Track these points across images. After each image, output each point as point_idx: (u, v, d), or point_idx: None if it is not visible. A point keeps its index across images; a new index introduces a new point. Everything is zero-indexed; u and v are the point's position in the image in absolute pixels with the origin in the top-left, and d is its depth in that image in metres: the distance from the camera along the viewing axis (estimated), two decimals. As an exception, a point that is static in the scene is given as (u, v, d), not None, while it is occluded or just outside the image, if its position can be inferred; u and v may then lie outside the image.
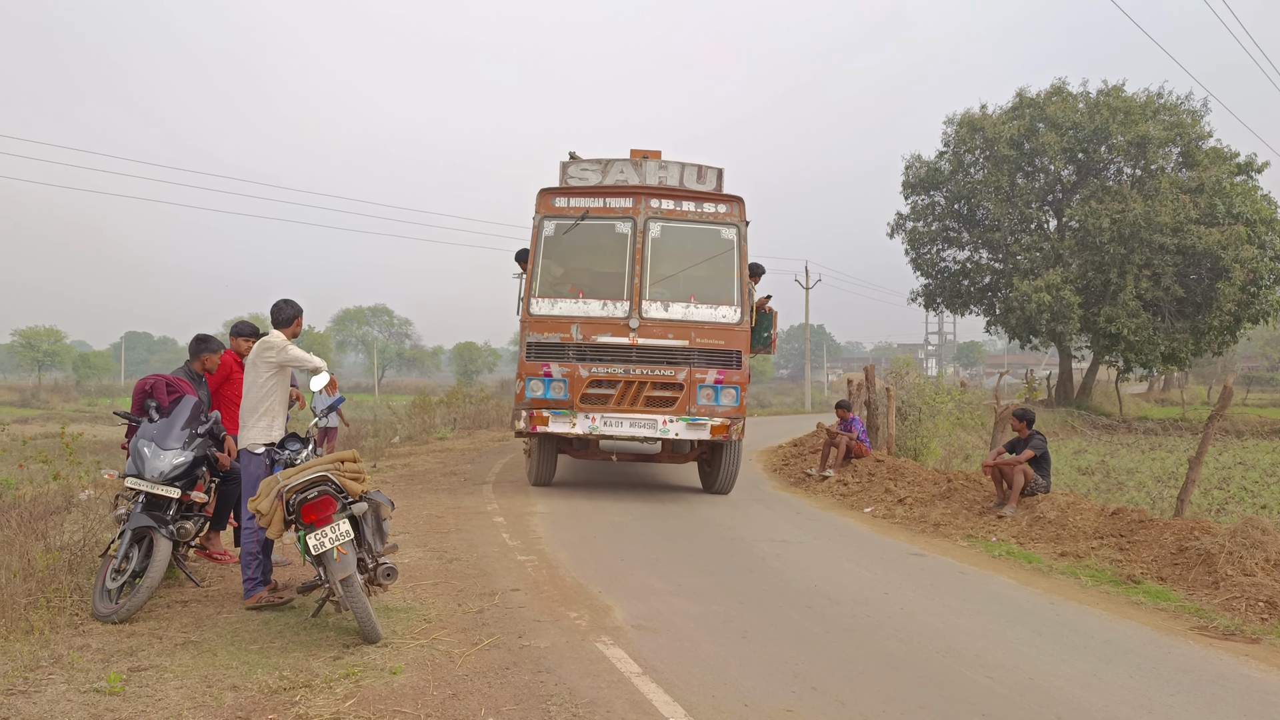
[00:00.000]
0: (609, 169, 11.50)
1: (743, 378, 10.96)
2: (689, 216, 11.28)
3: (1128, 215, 31.55)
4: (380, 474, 13.68)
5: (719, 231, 11.34)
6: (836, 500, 12.16)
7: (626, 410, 10.78)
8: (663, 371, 10.81)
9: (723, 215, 11.30)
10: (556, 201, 11.35)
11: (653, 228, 11.17)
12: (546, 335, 10.95)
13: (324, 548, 5.14)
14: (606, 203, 11.28)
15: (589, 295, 11.15)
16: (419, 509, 10.19)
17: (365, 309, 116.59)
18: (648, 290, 11.01)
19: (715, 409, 10.82)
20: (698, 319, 10.98)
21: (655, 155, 11.89)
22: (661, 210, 11.22)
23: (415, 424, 23.55)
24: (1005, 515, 9.61)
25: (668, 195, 11.26)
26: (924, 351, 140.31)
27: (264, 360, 6.21)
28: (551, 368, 10.87)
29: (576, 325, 10.90)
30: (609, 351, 10.84)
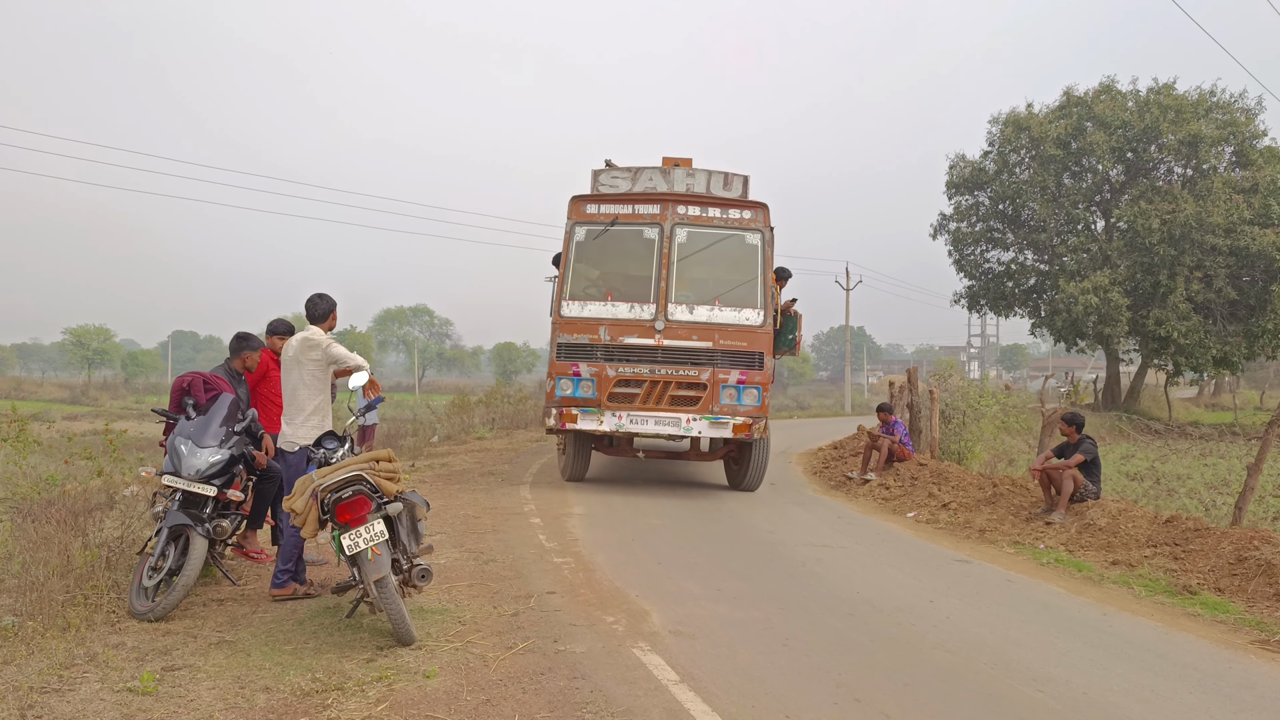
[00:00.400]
0: (638, 176, 11.83)
1: (764, 378, 11.19)
2: (714, 222, 11.58)
3: (1178, 216, 30.83)
4: (418, 473, 13.68)
5: (744, 237, 11.60)
6: (878, 504, 11.94)
7: (652, 409, 11.11)
8: (687, 372, 11.14)
9: (747, 221, 11.55)
10: (587, 208, 11.71)
11: (679, 233, 11.50)
12: (576, 336, 11.35)
13: (358, 548, 5.07)
14: (635, 209, 11.62)
15: (618, 298, 11.52)
16: (456, 509, 10.14)
17: (406, 309, 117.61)
18: (673, 293, 11.36)
19: (738, 408, 11.12)
20: (721, 321, 11.28)
21: (686, 163, 12.13)
22: (688, 216, 11.53)
23: (454, 424, 23.61)
24: (1054, 522, 9.36)
25: (694, 201, 11.54)
26: (966, 354, 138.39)
27: (310, 358, 6.18)
28: (580, 367, 11.27)
29: (604, 327, 11.29)
30: (635, 352, 11.20)
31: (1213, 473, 20.70)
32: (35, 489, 10.28)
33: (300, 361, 6.21)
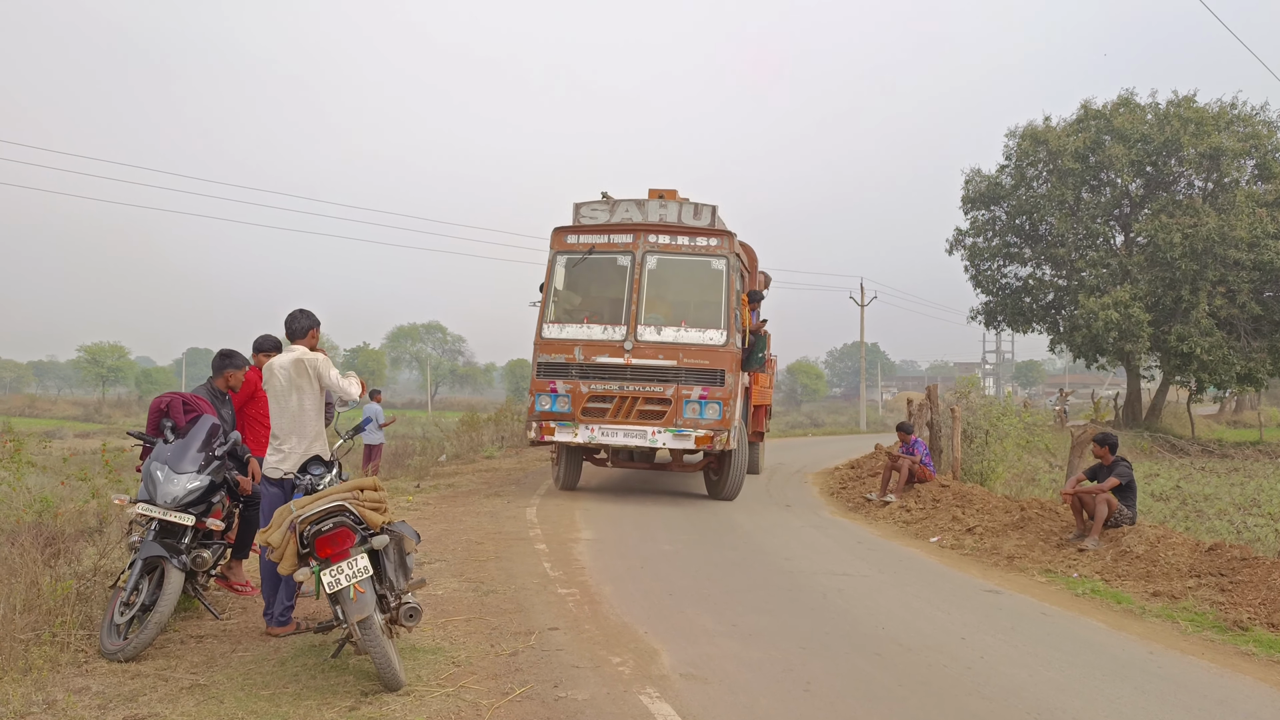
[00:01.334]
0: (616, 208, 12.53)
1: (725, 394, 11.74)
2: (682, 249, 12.24)
3: (1201, 230, 30.27)
4: (423, 494, 13.27)
5: (709, 262, 12.23)
6: (899, 528, 11.46)
7: (621, 423, 11.81)
8: (653, 388, 11.82)
9: (713, 248, 12.17)
10: (568, 238, 12.51)
11: (649, 260, 12.21)
12: (554, 356, 12.16)
13: (339, 585, 4.65)
14: (611, 239, 12.37)
15: (593, 321, 12.30)
16: (458, 534, 9.71)
17: (419, 326, 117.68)
18: (643, 316, 12.05)
19: (700, 422, 11.70)
20: (686, 341, 11.92)
21: (671, 194, 12.86)
22: (658, 244, 12.22)
23: (463, 442, 23.23)
24: (1087, 548, 8.86)
25: (664, 231, 12.23)
26: (981, 370, 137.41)
27: (306, 379, 5.79)
28: (557, 384, 12.06)
29: (579, 347, 12.06)
30: (606, 370, 11.95)
31: (1240, 493, 20.09)
32: (28, 511, 9.92)
33: (299, 386, 5.81)
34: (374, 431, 18.11)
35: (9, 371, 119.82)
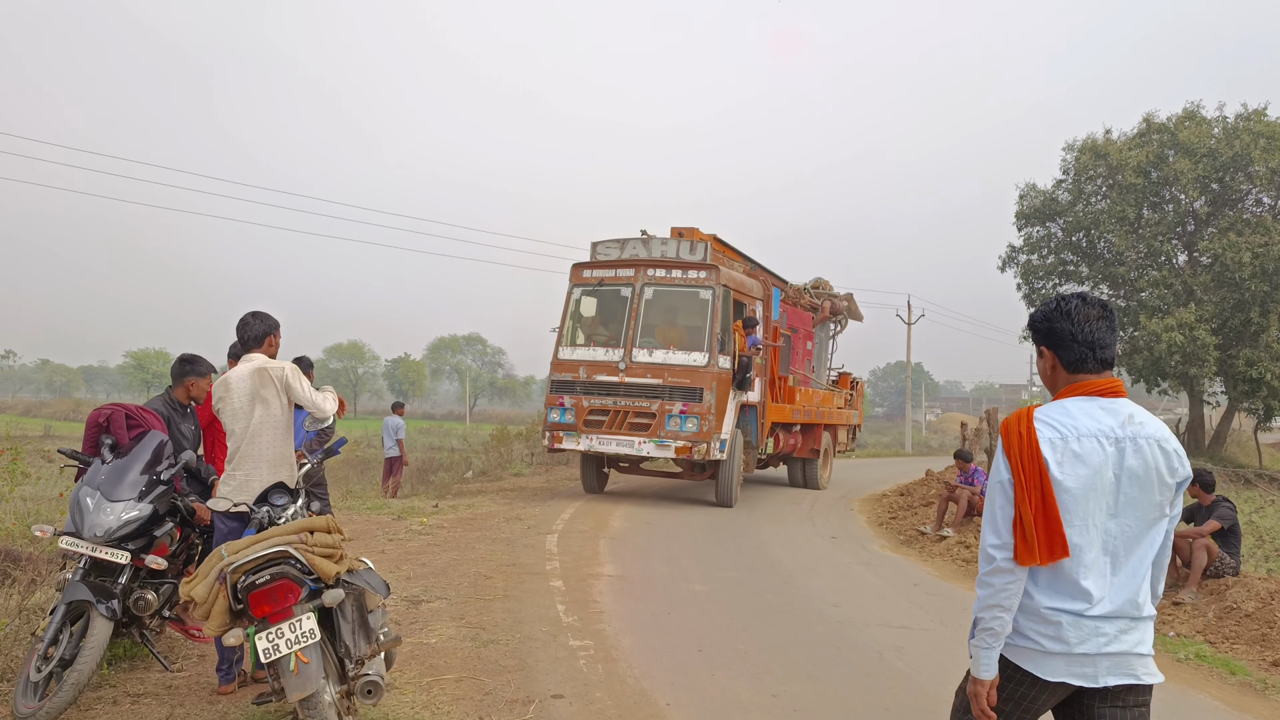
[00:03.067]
0: (625, 246, 14.10)
1: (704, 409, 12.89)
2: (676, 282, 13.67)
3: (1272, 249, 28.65)
4: (440, 515, 12.35)
5: (698, 293, 13.65)
6: (959, 567, 10.32)
7: (614, 433, 13.20)
8: (641, 403, 13.15)
9: (702, 280, 13.50)
10: (584, 273, 14.18)
11: (647, 291, 13.70)
12: (563, 374, 13.74)
13: (278, 653, 3.69)
14: (617, 273, 13.92)
15: (598, 344, 13.82)
16: (467, 565, 8.75)
17: (460, 337, 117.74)
18: (638, 339, 13.44)
19: (679, 434, 12.92)
20: (672, 362, 13.26)
21: (692, 232, 14.55)
22: (655, 277, 13.71)
23: (491, 458, 22.36)
24: (1184, 602, 7.69)
25: (661, 265, 13.73)
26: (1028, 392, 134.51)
27: (271, 391, 4.89)
28: (564, 399, 13.60)
29: (584, 367, 13.60)
30: (603, 387, 13.40)
31: None
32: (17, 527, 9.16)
33: (262, 399, 4.90)
34: (394, 444, 17.28)
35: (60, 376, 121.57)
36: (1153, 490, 2.56)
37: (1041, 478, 2.52)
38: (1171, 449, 2.59)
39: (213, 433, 6.03)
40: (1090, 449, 2.53)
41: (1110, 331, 2.65)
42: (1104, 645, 2.53)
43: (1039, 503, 2.51)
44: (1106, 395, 2.61)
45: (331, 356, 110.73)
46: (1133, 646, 2.57)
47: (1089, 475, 2.52)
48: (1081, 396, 2.62)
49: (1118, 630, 2.54)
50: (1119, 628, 2.54)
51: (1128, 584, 2.56)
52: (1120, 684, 2.57)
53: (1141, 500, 2.56)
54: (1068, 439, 2.54)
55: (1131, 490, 2.55)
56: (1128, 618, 2.56)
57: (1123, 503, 2.55)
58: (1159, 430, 2.59)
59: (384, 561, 8.83)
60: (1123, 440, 2.54)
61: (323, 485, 8.99)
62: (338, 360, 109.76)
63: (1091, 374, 2.64)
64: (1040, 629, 2.56)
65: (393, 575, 8.15)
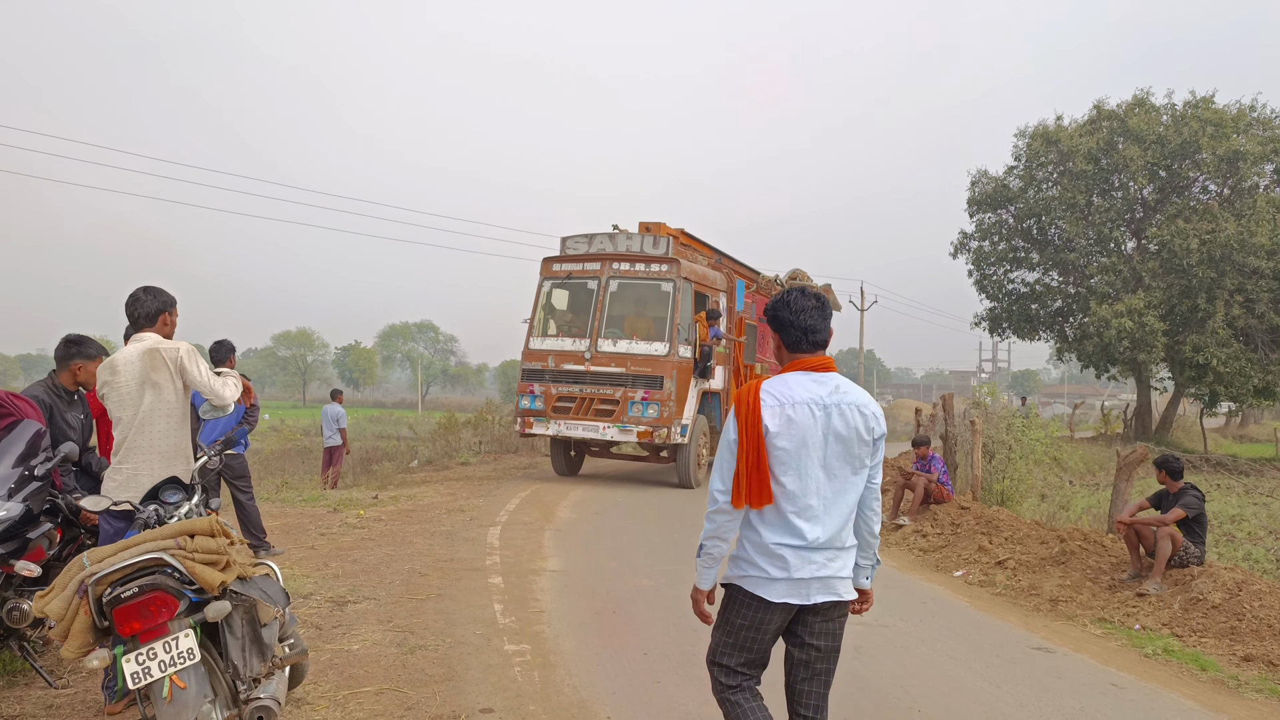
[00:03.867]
0: (593, 240, 14.69)
1: (664, 396, 13.53)
2: (639, 275, 14.23)
3: (1219, 236, 28.88)
4: (378, 508, 11.79)
5: (659, 285, 14.17)
6: (916, 557, 10.02)
7: (580, 419, 13.86)
8: (605, 391, 13.82)
9: (664, 273, 14.07)
10: (554, 266, 14.81)
11: (612, 284, 14.29)
12: (533, 363, 14.37)
13: (149, 678, 3.18)
14: (585, 266, 14.52)
15: (566, 334, 14.44)
16: (401, 561, 8.23)
17: (411, 325, 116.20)
18: (603, 330, 14.10)
19: (641, 419, 13.56)
20: (634, 352, 13.87)
21: (659, 227, 14.99)
22: (620, 271, 14.27)
23: (438, 446, 21.73)
24: (1148, 593, 7.42)
25: (625, 259, 14.28)
26: (977, 379, 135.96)
27: (164, 375, 4.35)
28: (534, 387, 14.24)
29: (552, 356, 14.24)
30: (570, 375, 14.05)
31: (1268, 514, 18.73)
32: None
33: (155, 384, 4.36)
34: (335, 433, 16.65)
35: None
36: (854, 445, 3.11)
37: (760, 439, 3.03)
38: (870, 412, 3.14)
39: (107, 422, 5.45)
40: (803, 414, 3.07)
41: (823, 319, 3.19)
42: (815, 571, 3.09)
43: (754, 460, 3.03)
44: (818, 370, 3.16)
45: (280, 344, 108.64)
46: (837, 571, 3.14)
47: (801, 434, 3.05)
48: (799, 371, 3.17)
49: (826, 559, 3.11)
50: (827, 556, 3.11)
51: (836, 521, 3.11)
52: (826, 600, 3.13)
53: (846, 454, 3.11)
54: (784, 405, 3.06)
55: (837, 446, 3.09)
56: (834, 548, 3.13)
57: (830, 456, 3.09)
58: (860, 397, 3.15)
59: (312, 558, 8.29)
60: (830, 406, 3.09)
61: (245, 478, 8.42)
62: (286, 348, 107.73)
63: (806, 353, 3.20)
64: (767, 561, 3.10)
65: (320, 574, 7.62)
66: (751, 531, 3.15)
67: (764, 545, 3.11)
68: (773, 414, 3.06)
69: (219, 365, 8.33)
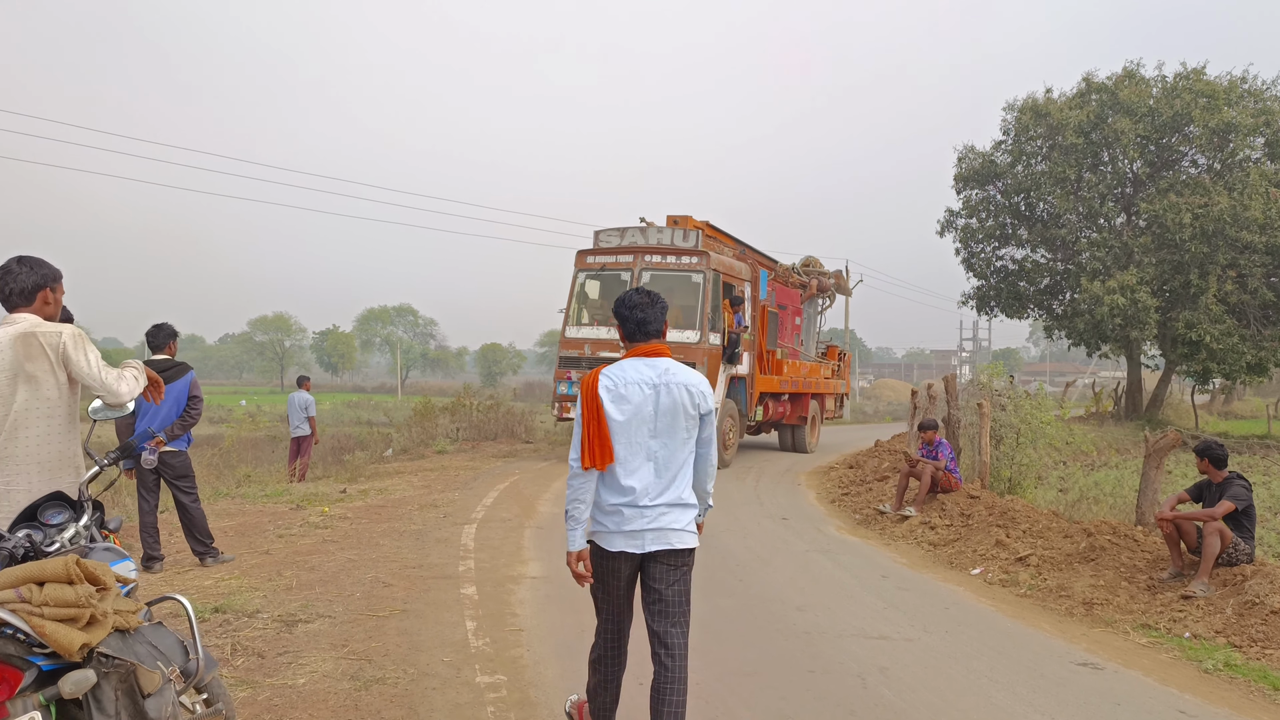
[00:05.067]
0: (625, 234, 15.45)
1: None
2: (670, 267, 15.01)
3: (1212, 210, 28.26)
4: (346, 503, 10.95)
5: (690, 276, 14.91)
6: (927, 552, 9.28)
7: None
8: None
9: (694, 265, 14.84)
10: (588, 259, 15.63)
11: (645, 275, 15.06)
12: (570, 351, 15.29)
13: (-22, 777, 2.35)
14: (618, 259, 15.33)
15: (601, 323, 15.24)
16: (364, 568, 7.40)
17: (390, 308, 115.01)
18: None
19: None
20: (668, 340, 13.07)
21: (685, 220, 15.76)
22: (652, 263, 15.09)
23: (414, 434, 20.85)
24: (1195, 595, 6.68)
25: (656, 252, 15.12)
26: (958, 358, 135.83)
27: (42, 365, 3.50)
28: (572, 374, 15.01)
29: (589, 344, 15.12)
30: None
31: (1270, 495, 18.15)
32: None
33: (29, 378, 3.52)
34: (302, 422, 15.76)
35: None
36: (680, 418, 3.65)
37: (599, 413, 3.56)
38: (697, 390, 3.70)
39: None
40: (634, 392, 3.60)
41: (655, 313, 3.75)
42: (647, 524, 3.60)
43: (596, 430, 3.55)
44: (651, 355, 3.72)
45: (256, 329, 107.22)
46: (669, 524, 3.65)
47: (633, 409, 3.59)
48: (635, 357, 3.72)
49: (658, 514, 3.62)
50: (659, 512, 3.63)
51: (669, 482, 3.65)
52: (661, 549, 3.63)
53: (674, 426, 3.65)
54: (617, 385, 3.61)
55: (666, 419, 3.64)
56: (667, 504, 3.65)
57: (660, 428, 3.64)
58: (688, 377, 3.71)
59: (265, 566, 7.45)
60: (659, 385, 3.63)
61: (188, 478, 7.56)
62: (263, 333, 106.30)
63: (641, 342, 3.75)
64: (606, 518, 3.63)
65: (271, 585, 6.78)
66: (596, 495, 3.65)
67: (603, 505, 3.64)
68: (608, 393, 3.61)
69: (158, 352, 7.47)
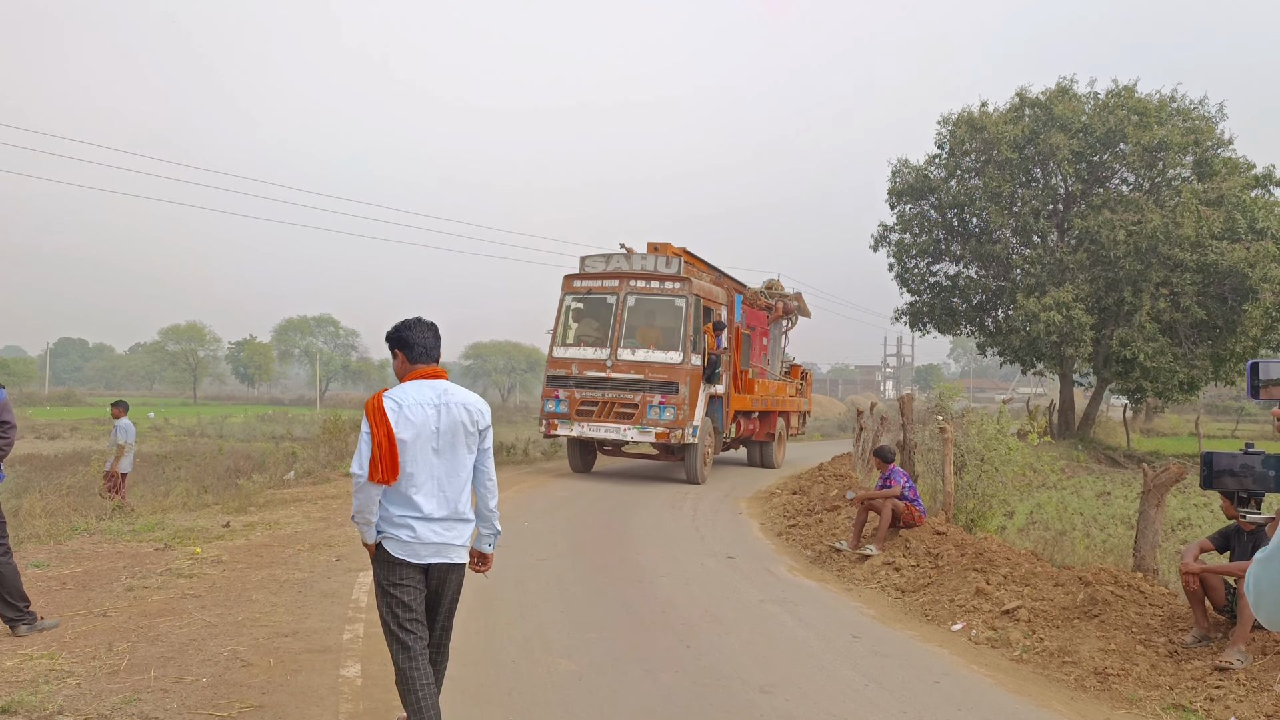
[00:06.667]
0: (610, 260, 16.04)
1: (679, 400, 14.92)
2: (654, 291, 15.63)
3: (1145, 227, 28.08)
4: (224, 541, 9.40)
5: (672, 300, 15.56)
6: (895, 599, 8.13)
7: (602, 421, 15.19)
8: (625, 395, 15.16)
9: (677, 289, 15.48)
10: (574, 283, 16.13)
11: (629, 299, 15.65)
12: (557, 370, 15.71)
13: None
14: (604, 283, 15.86)
15: (587, 345, 15.73)
16: (222, 638, 5.94)
17: (310, 319, 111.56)
18: (622, 340, 15.43)
19: (659, 421, 14.92)
20: (652, 360, 15.21)
21: (665, 247, 16.67)
22: (636, 287, 15.69)
23: (322, 454, 19.13)
24: (1232, 666, 5.61)
25: (640, 277, 15.69)
26: (881, 374, 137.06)
27: None
28: (559, 392, 15.54)
29: (576, 364, 15.54)
30: (593, 382, 15.32)
31: (1217, 518, 17.57)
32: None
33: None
34: (128, 455, 13.83)
35: None
36: (461, 435, 4.01)
37: (388, 431, 3.83)
38: (475, 408, 4.07)
39: None
40: (418, 413, 3.93)
41: (435, 340, 4.15)
42: (432, 538, 3.95)
43: (387, 447, 3.82)
44: (431, 378, 4.05)
45: (168, 339, 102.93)
46: (452, 540, 4.01)
47: (417, 428, 3.91)
48: (418, 380, 4.04)
49: (443, 528, 3.98)
50: (445, 526, 3.98)
51: (451, 498, 3.99)
52: (440, 562, 4.00)
53: (455, 443, 4.00)
54: (403, 407, 3.92)
55: (448, 437, 3.98)
56: (451, 519, 4.00)
57: (443, 445, 3.97)
58: (466, 397, 4.07)
59: (97, 634, 5.94)
60: (440, 405, 3.98)
61: (-4, 524, 6.03)
62: (175, 342, 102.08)
63: (423, 365, 4.08)
64: (395, 529, 3.92)
65: (95, 665, 5.29)
66: (384, 508, 3.91)
67: (390, 517, 3.92)
68: (394, 414, 3.88)
69: None
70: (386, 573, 3.93)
